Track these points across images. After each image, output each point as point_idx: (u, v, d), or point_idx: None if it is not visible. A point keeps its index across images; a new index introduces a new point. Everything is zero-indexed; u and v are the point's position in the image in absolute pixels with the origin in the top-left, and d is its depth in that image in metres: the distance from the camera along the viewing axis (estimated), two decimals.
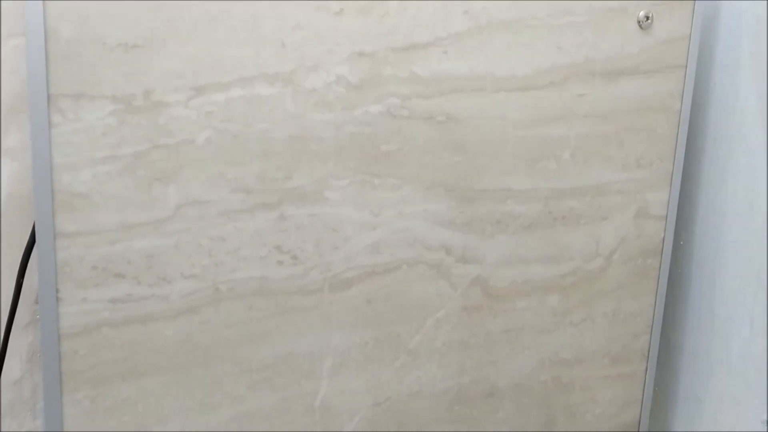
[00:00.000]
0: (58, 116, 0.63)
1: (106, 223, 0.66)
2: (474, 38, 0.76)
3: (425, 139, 0.77)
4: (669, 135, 0.89)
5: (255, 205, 0.71)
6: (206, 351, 0.72)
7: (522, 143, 0.81)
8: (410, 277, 0.79)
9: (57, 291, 0.66)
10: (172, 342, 0.71)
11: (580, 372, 0.91)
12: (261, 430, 0.76)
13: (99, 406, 0.69)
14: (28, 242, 0.67)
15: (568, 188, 0.85)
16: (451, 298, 0.82)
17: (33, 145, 0.63)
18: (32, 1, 0.61)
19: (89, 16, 0.63)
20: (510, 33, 0.77)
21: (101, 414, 0.70)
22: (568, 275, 0.87)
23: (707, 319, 0.96)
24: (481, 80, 0.77)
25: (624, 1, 0.81)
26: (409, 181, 0.77)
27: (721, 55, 0.92)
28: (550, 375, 0.90)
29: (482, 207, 0.81)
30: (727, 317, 0.93)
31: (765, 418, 0.89)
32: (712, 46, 0.92)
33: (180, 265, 0.70)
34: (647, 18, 0.83)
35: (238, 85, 0.68)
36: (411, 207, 0.78)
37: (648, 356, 0.95)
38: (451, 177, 0.79)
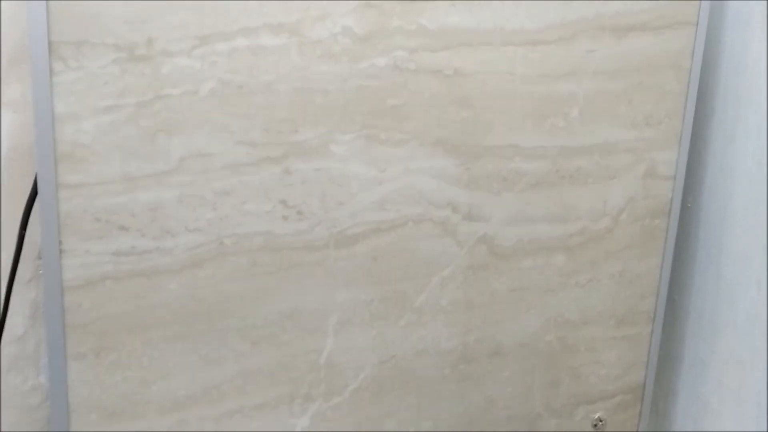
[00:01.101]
0: (60, 64, 0.62)
1: (109, 174, 0.65)
2: None
3: (432, 94, 0.75)
4: (678, 93, 0.87)
5: (260, 159, 0.70)
6: (211, 306, 0.72)
7: (530, 99, 0.80)
8: (416, 234, 0.79)
9: (60, 243, 0.65)
10: (176, 296, 0.70)
11: (585, 333, 0.91)
12: (266, 387, 0.76)
13: (103, 360, 0.69)
14: (30, 194, 0.66)
15: (576, 146, 0.84)
16: (457, 257, 0.81)
17: (34, 93, 0.62)
18: None
19: None
20: None
21: (106, 368, 0.69)
22: (575, 235, 0.87)
23: (714, 281, 0.95)
24: (489, 34, 0.76)
25: None
26: (415, 136, 0.76)
27: (732, 12, 0.90)
28: (556, 335, 0.89)
29: (489, 164, 0.80)
30: (734, 279, 0.92)
31: None
32: (724, 3, 0.90)
33: (184, 218, 0.69)
34: None
35: (242, 35, 0.67)
36: (417, 163, 0.77)
37: (654, 318, 0.95)
38: (458, 133, 0.78)
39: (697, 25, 0.85)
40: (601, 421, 0.95)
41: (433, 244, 0.80)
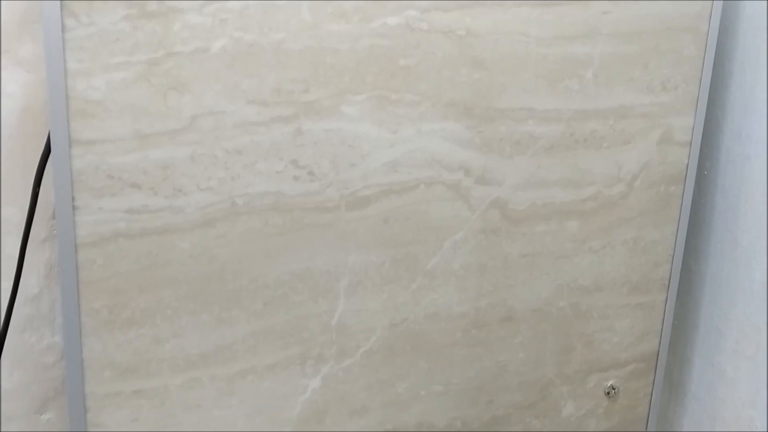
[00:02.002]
0: (72, 20, 0.62)
1: (121, 131, 0.66)
2: None
3: (444, 55, 0.75)
4: (696, 57, 0.86)
5: (271, 118, 0.70)
6: (222, 265, 0.72)
7: (544, 61, 0.79)
8: (428, 197, 0.78)
9: (73, 200, 0.66)
10: (188, 255, 0.71)
11: (598, 300, 0.90)
12: (278, 347, 0.76)
13: (117, 317, 0.70)
14: (44, 151, 0.67)
15: (591, 110, 0.83)
16: (469, 220, 0.81)
17: (47, 50, 0.62)
18: None
19: None
20: None
21: (119, 325, 0.70)
22: (589, 200, 0.86)
23: (730, 248, 0.94)
24: None
25: None
26: (427, 97, 0.75)
27: None
28: (569, 301, 0.89)
29: (502, 127, 0.79)
30: (751, 246, 0.91)
31: None
32: None
33: (196, 177, 0.69)
34: None
35: None
36: (429, 125, 0.76)
37: (668, 286, 0.94)
38: (471, 94, 0.77)
39: None
40: (613, 389, 0.95)
41: (445, 208, 0.79)
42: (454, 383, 0.86)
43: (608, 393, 0.95)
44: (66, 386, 0.70)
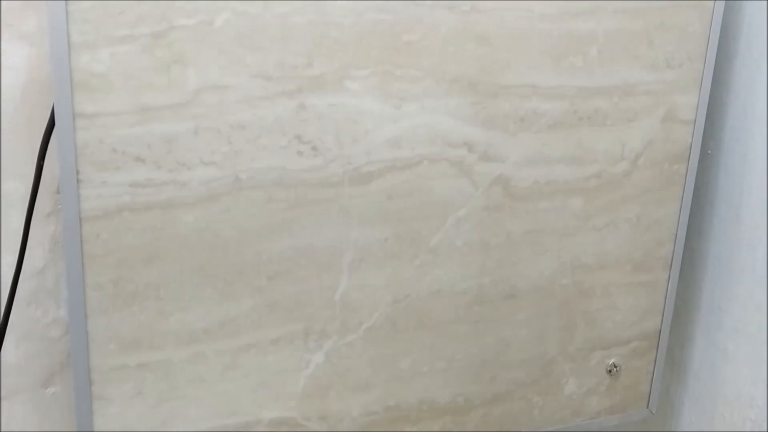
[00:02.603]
0: None
1: (124, 105, 0.66)
2: None
3: (448, 30, 0.74)
4: (701, 34, 0.86)
5: (275, 93, 0.70)
6: (226, 240, 0.72)
7: (548, 37, 0.79)
8: (431, 173, 0.78)
9: (77, 173, 0.66)
10: (192, 229, 0.71)
11: (601, 277, 0.91)
12: (281, 322, 0.76)
13: (122, 291, 0.70)
14: (48, 124, 0.67)
15: (595, 87, 0.83)
16: (473, 197, 0.81)
17: (50, 22, 0.62)
18: None
19: None
20: None
21: (124, 299, 0.70)
22: (592, 178, 0.86)
23: (732, 226, 0.94)
24: None
25: None
26: (431, 73, 0.75)
27: None
28: (571, 279, 0.89)
29: (506, 103, 0.79)
30: (754, 224, 0.91)
31: None
32: None
33: (199, 151, 0.69)
34: None
35: None
36: (433, 101, 0.76)
37: (671, 264, 0.94)
38: (475, 70, 0.77)
39: None
40: (615, 367, 0.95)
41: (449, 184, 0.79)
42: (457, 360, 0.86)
43: (610, 371, 0.95)
44: (71, 359, 0.70)
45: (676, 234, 0.93)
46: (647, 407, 0.99)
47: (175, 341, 0.73)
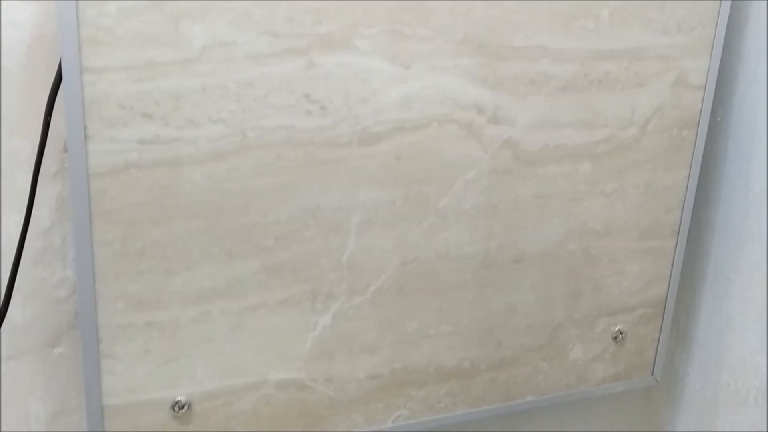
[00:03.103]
0: None
1: (132, 59, 0.65)
2: None
3: None
4: None
5: (283, 50, 0.69)
6: (234, 199, 0.72)
7: None
8: (440, 135, 0.78)
9: (85, 128, 0.65)
10: (200, 188, 0.70)
11: (608, 244, 0.90)
12: (289, 283, 0.76)
13: (129, 249, 0.70)
14: (55, 79, 0.66)
15: (605, 50, 0.82)
16: (481, 160, 0.80)
17: None
18: None
19: None
20: None
21: (131, 257, 0.70)
22: (601, 142, 0.85)
23: (741, 195, 0.94)
24: None
25: None
26: (441, 33, 0.74)
27: None
28: (579, 245, 0.89)
29: (516, 65, 0.78)
30: (761, 192, 0.91)
31: None
32: None
33: (207, 108, 0.68)
34: None
35: None
36: (442, 61, 0.75)
37: (678, 232, 0.94)
38: (485, 31, 0.76)
39: None
40: (621, 333, 0.95)
41: (457, 146, 0.79)
42: (464, 324, 0.86)
43: (616, 338, 0.95)
44: (79, 316, 0.70)
45: (684, 201, 0.92)
46: (652, 375, 0.99)
47: (183, 300, 0.73)
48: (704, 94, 0.89)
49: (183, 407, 0.76)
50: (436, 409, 0.88)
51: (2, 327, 0.75)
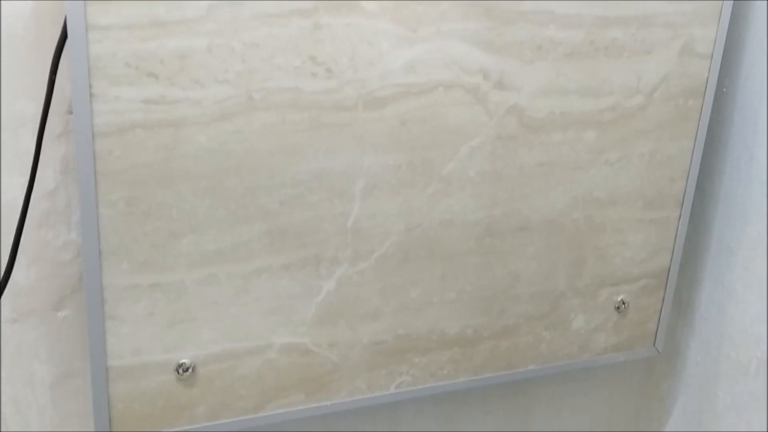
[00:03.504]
0: None
1: (137, 18, 0.64)
2: None
3: None
4: None
5: (290, 11, 0.69)
6: (239, 161, 0.72)
7: None
8: (446, 100, 0.78)
9: (90, 87, 0.65)
10: (205, 149, 0.70)
11: (612, 213, 0.90)
12: (293, 247, 0.76)
13: (134, 209, 0.70)
14: (60, 37, 0.66)
15: (612, 17, 0.81)
16: (486, 126, 0.80)
17: None
18: None
19: None
20: None
21: (136, 217, 0.70)
22: (607, 111, 0.85)
23: (746, 166, 0.93)
24: None
25: None
26: None
27: None
28: (583, 214, 0.89)
29: (522, 30, 0.78)
30: (766, 163, 0.91)
31: None
32: None
33: (213, 69, 0.68)
34: None
35: None
36: (449, 24, 0.75)
37: (682, 202, 0.94)
38: None
39: None
40: (623, 303, 0.95)
41: (463, 112, 0.79)
42: (467, 291, 0.86)
43: (618, 308, 0.95)
44: (83, 276, 0.70)
45: (689, 171, 0.92)
46: (653, 345, 1.00)
47: (188, 263, 0.73)
48: (711, 63, 0.88)
49: (187, 370, 0.76)
50: (439, 376, 0.89)
51: (6, 289, 0.75)
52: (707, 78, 0.89)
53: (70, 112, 0.74)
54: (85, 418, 0.85)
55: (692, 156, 0.92)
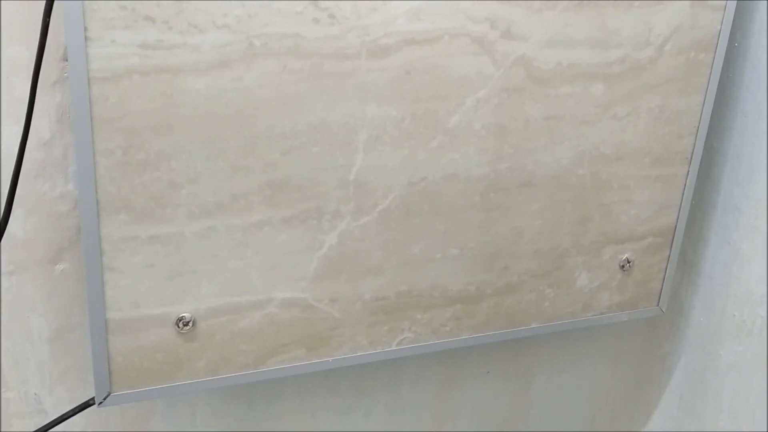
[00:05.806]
0: None
1: None
2: None
3: None
4: None
5: None
6: (239, 110, 0.70)
7: None
8: (451, 49, 0.75)
9: (85, 30, 0.63)
10: (203, 97, 0.68)
11: (618, 169, 0.89)
12: (295, 200, 0.75)
13: (132, 159, 0.68)
14: None
15: None
16: (493, 77, 0.78)
17: None
18: None
19: None
20: None
21: (134, 167, 0.68)
22: (616, 63, 0.83)
23: (755, 122, 0.92)
24: None
25: None
26: None
27: None
28: (589, 169, 0.87)
29: None
30: None
31: None
32: None
33: (212, 12, 0.66)
34: None
35: None
36: None
37: (690, 159, 0.92)
38: None
39: None
40: (628, 262, 0.94)
41: (469, 62, 0.77)
42: (470, 247, 0.85)
43: (623, 266, 0.94)
44: (81, 226, 0.69)
45: (698, 128, 0.90)
46: (657, 305, 0.99)
47: (187, 214, 0.72)
48: (723, 16, 0.86)
49: (187, 324, 0.75)
50: (441, 333, 0.88)
51: (3, 241, 0.74)
52: (719, 31, 0.86)
53: (65, 59, 0.72)
54: (85, 373, 0.84)
55: (702, 112, 0.90)
